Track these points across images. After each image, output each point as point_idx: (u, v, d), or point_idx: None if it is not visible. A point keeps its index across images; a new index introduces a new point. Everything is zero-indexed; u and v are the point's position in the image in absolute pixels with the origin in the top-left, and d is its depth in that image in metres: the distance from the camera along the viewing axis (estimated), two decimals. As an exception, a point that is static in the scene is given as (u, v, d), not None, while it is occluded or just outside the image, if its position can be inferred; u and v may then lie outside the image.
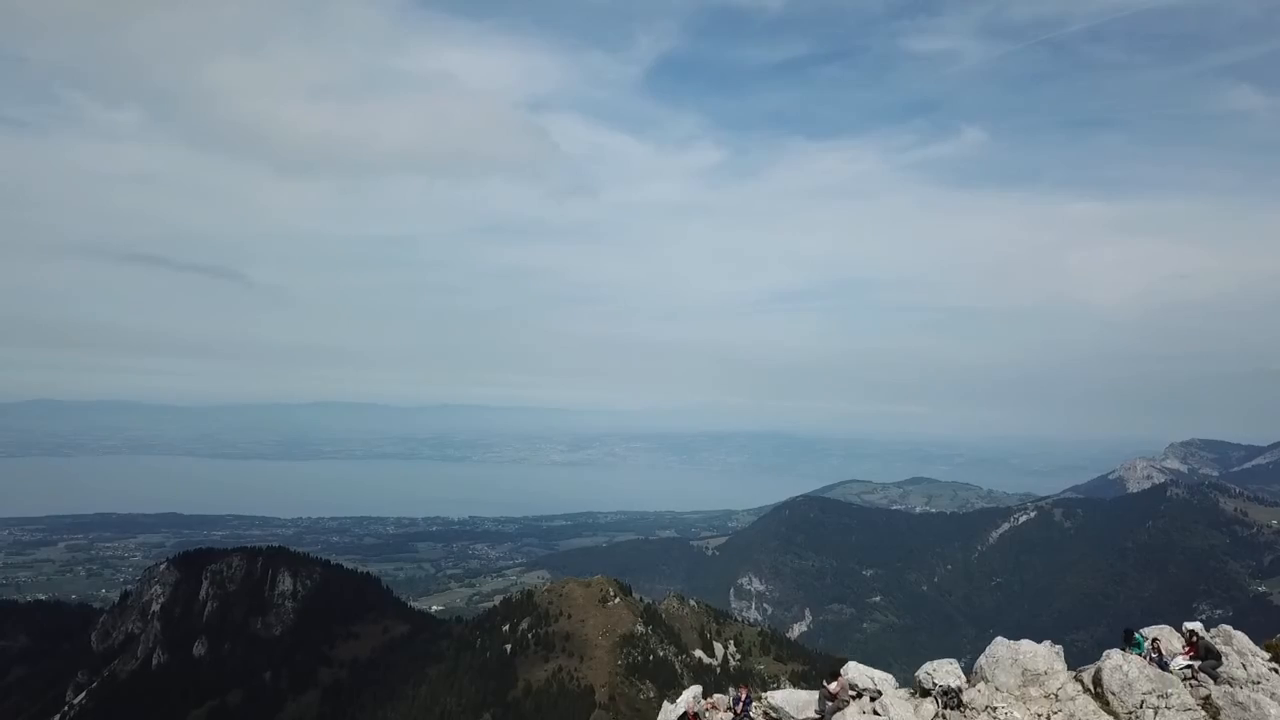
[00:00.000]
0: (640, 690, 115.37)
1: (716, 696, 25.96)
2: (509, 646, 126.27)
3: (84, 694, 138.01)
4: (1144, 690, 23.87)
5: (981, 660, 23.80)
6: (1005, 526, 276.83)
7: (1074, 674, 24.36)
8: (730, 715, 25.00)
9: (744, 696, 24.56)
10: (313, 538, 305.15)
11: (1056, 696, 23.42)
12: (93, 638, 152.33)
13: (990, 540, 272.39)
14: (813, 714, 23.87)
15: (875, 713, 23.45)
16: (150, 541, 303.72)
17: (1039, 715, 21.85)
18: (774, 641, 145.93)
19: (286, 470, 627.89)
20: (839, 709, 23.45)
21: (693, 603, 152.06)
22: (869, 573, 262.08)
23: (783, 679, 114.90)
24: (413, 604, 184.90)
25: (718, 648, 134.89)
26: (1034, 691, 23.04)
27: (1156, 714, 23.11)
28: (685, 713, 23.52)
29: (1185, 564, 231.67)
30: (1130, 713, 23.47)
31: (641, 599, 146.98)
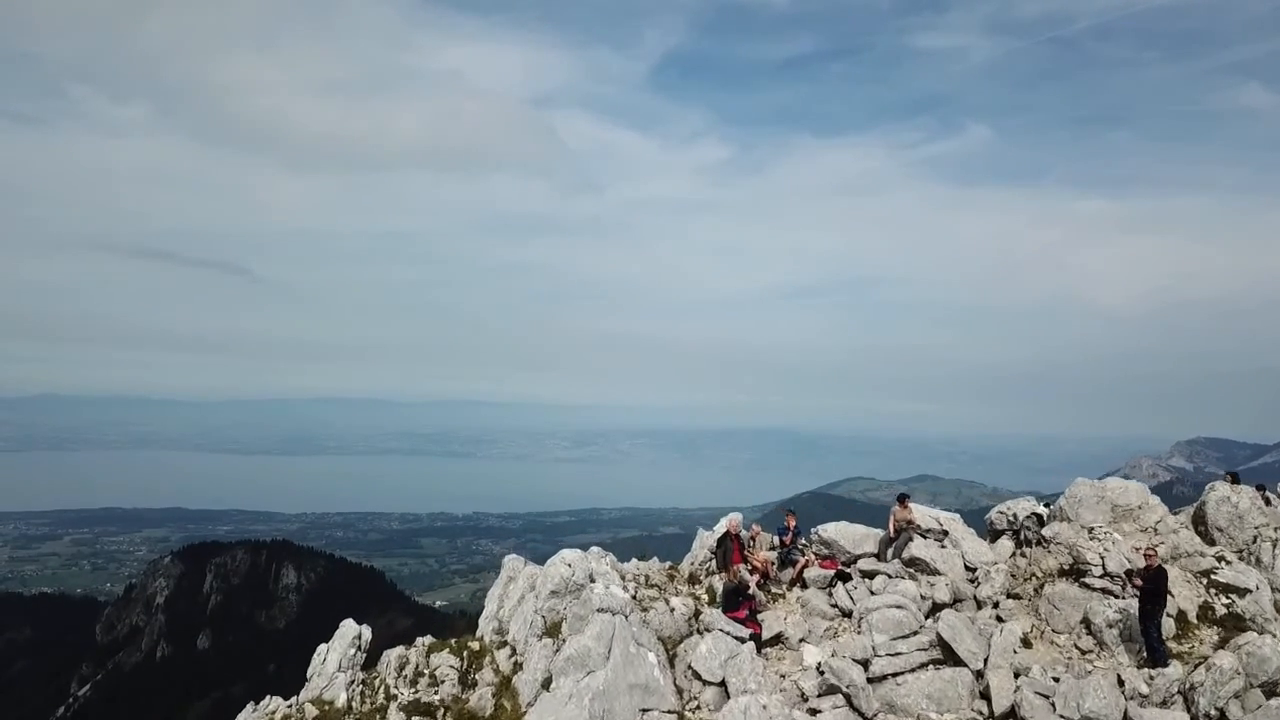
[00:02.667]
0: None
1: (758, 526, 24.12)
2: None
3: (88, 686, 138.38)
4: (1257, 523, 22.04)
5: (1061, 502, 22.01)
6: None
7: (1172, 511, 22.49)
8: (775, 543, 23.16)
9: (792, 526, 22.87)
10: (317, 533, 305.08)
11: (1155, 530, 21.45)
12: (97, 630, 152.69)
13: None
14: (870, 549, 21.85)
15: (944, 546, 21.53)
16: (155, 536, 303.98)
17: (1137, 550, 19.90)
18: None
19: (291, 465, 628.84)
20: (907, 542, 21.34)
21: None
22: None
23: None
24: (417, 599, 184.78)
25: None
26: (1127, 527, 21.34)
27: (1276, 547, 21.33)
28: (727, 533, 21.56)
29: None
30: (1242, 549, 21.57)
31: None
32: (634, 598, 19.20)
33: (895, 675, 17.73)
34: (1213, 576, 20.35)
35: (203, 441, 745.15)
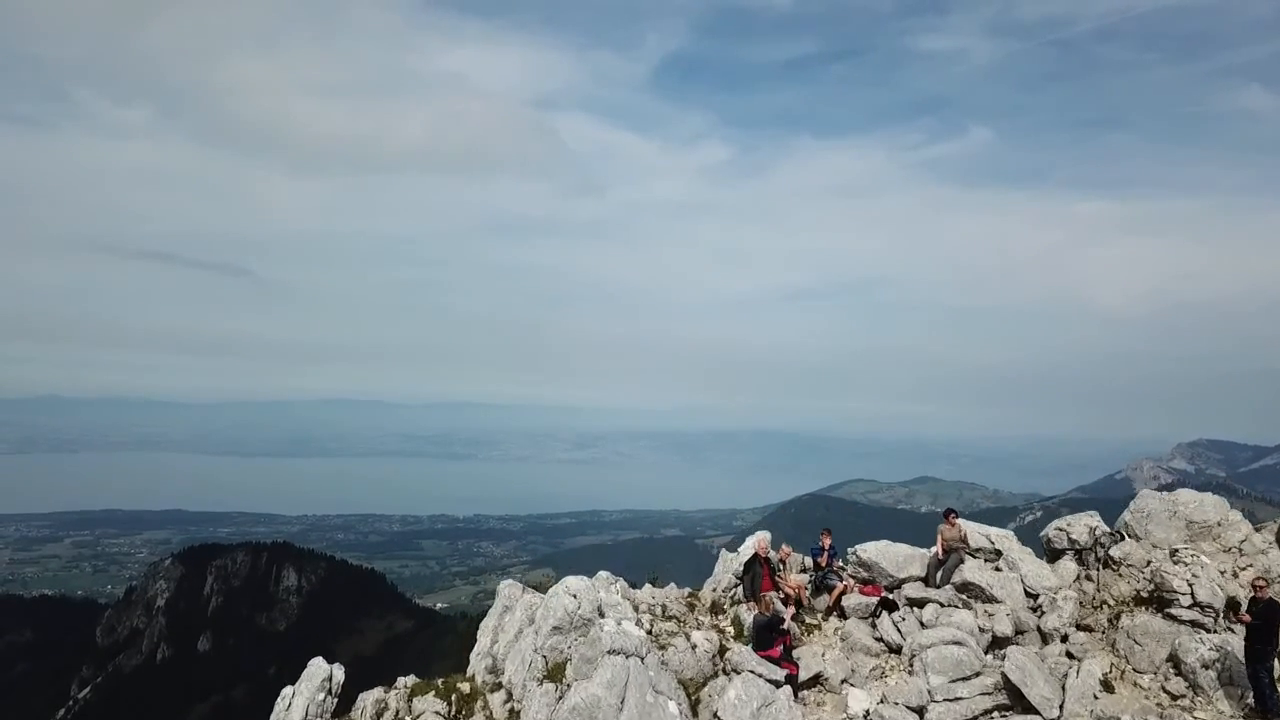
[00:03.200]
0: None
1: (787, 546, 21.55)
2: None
3: (88, 688, 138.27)
4: None
5: (1126, 516, 19.37)
6: (1011, 527, 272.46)
7: (1255, 528, 19.95)
8: (805, 565, 20.90)
9: (827, 546, 20.12)
10: (318, 535, 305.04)
11: (1240, 550, 18.87)
12: (97, 633, 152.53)
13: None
14: (915, 572, 19.20)
15: (999, 569, 19.04)
16: (156, 538, 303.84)
17: (1222, 572, 17.65)
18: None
19: (291, 467, 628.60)
20: (958, 564, 18.96)
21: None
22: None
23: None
24: (417, 601, 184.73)
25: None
26: (1208, 546, 18.71)
27: None
28: (755, 555, 19.24)
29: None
30: None
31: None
32: (650, 633, 16.77)
33: (956, 725, 15.50)
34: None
35: (203, 443, 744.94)
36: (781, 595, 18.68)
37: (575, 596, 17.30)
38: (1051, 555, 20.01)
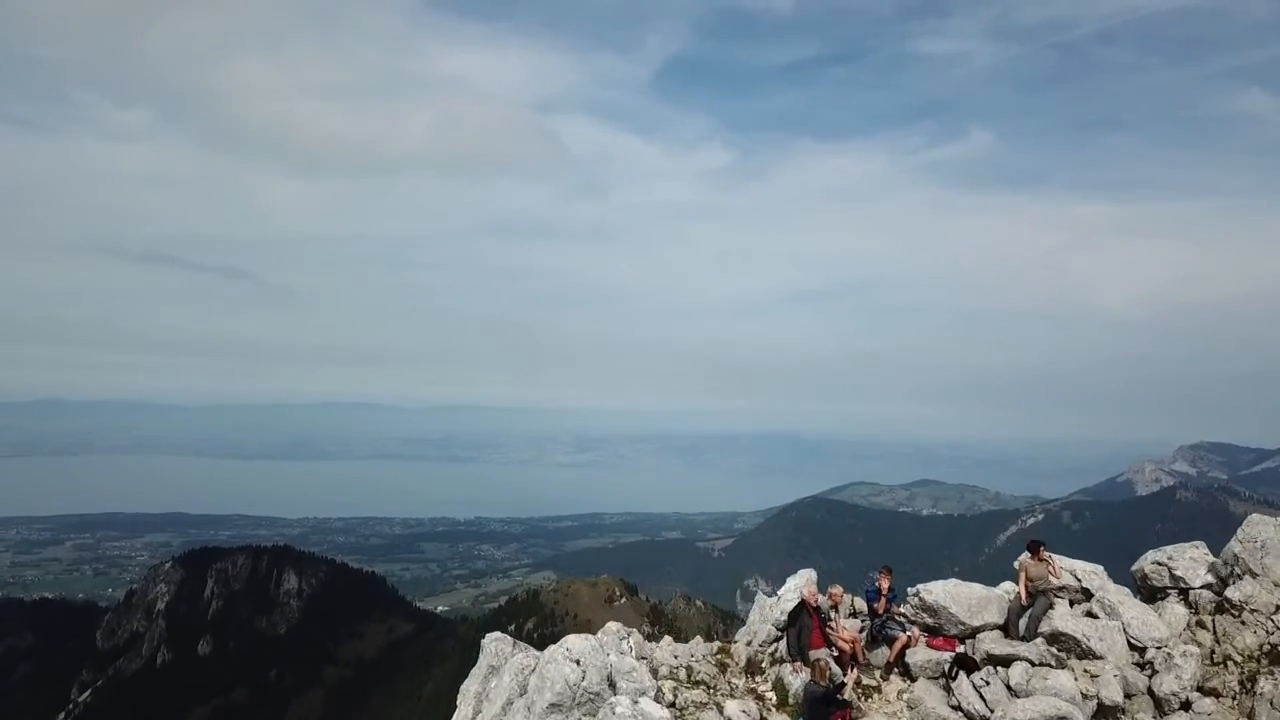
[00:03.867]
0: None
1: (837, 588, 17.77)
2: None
3: (89, 692, 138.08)
4: None
5: (1235, 548, 15.64)
6: (1013, 529, 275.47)
7: None
8: (858, 608, 17.54)
9: (885, 588, 16.55)
10: (319, 538, 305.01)
11: None
12: (98, 636, 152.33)
13: (998, 543, 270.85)
14: (993, 619, 15.71)
15: (1093, 614, 15.45)
16: (157, 541, 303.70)
17: None
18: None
19: (293, 470, 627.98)
20: (1046, 609, 15.37)
21: (699, 603, 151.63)
22: (875, 575, 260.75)
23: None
24: (418, 604, 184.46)
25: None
26: None
27: None
28: (802, 604, 15.82)
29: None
30: None
31: (647, 599, 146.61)
32: (673, 706, 13.65)
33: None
34: None
35: (205, 446, 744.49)
36: (834, 653, 15.22)
37: (579, 663, 13.57)
38: (1147, 594, 16.46)
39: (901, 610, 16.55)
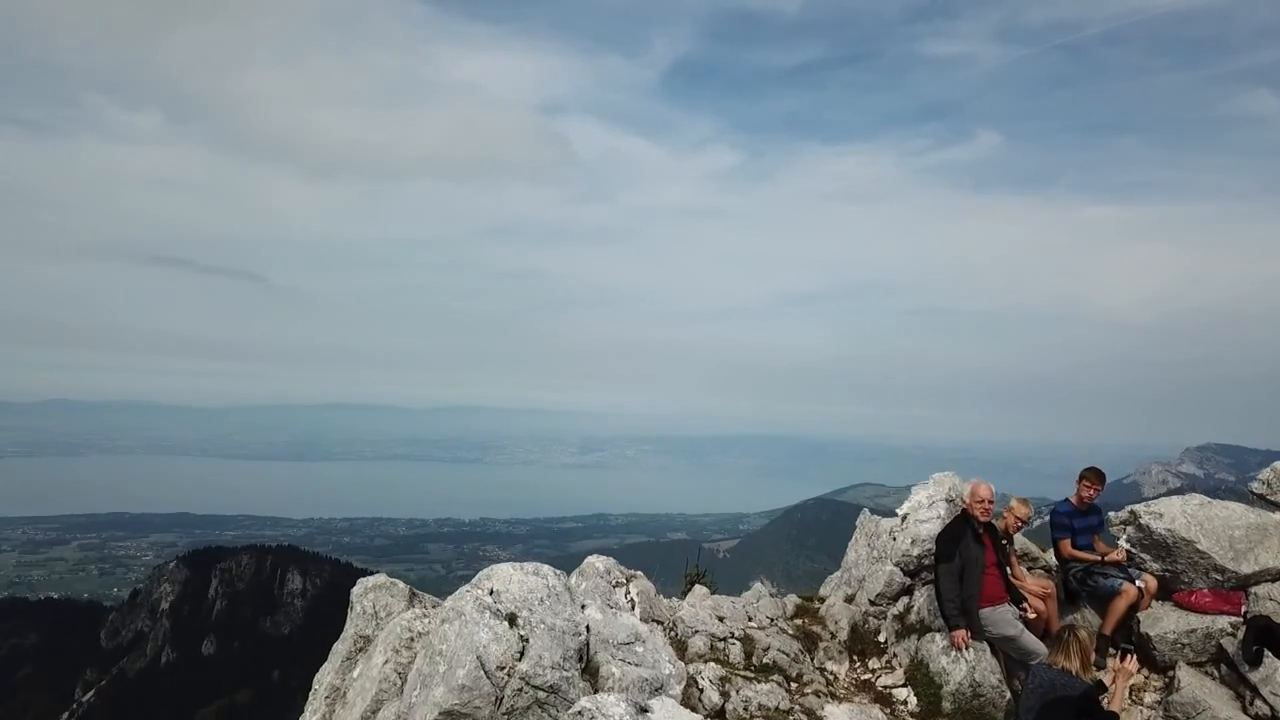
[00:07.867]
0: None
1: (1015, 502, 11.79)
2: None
3: (93, 691, 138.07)
4: None
5: None
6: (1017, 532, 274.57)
7: None
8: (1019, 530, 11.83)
9: (1088, 499, 12.02)
10: (324, 538, 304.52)
11: None
12: (102, 636, 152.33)
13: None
14: (1274, 562, 9.91)
15: None
16: (163, 541, 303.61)
17: None
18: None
19: (298, 471, 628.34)
20: None
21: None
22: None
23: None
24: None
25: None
26: None
27: None
28: (964, 516, 10.99)
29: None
30: None
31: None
32: (722, 717, 7.99)
33: None
34: None
35: (211, 447, 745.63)
36: (1024, 607, 9.45)
37: (514, 622, 7.37)
38: None
39: (1128, 547, 10.33)
